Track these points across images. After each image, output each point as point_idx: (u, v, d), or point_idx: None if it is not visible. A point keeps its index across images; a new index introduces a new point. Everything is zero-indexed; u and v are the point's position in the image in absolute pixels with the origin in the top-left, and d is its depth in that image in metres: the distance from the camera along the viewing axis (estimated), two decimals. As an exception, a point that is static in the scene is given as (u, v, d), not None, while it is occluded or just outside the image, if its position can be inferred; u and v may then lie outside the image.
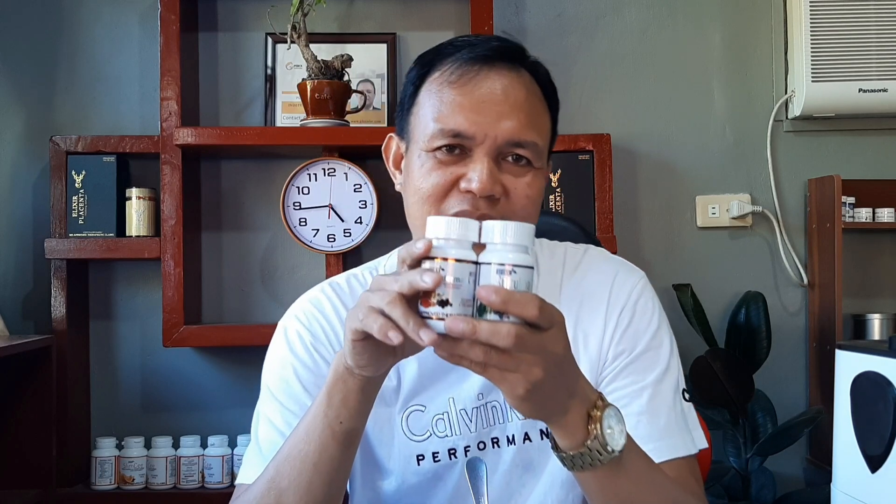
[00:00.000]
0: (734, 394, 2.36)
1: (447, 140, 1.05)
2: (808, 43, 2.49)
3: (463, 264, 0.82)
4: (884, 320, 2.52)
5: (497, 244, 0.83)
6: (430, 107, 1.07)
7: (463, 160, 1.05)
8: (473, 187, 1.03)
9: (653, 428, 1.09)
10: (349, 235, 2.38)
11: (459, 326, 0.78)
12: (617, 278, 1.17)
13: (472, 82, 1.05)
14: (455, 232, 0.83)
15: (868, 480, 1.86)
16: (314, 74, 2.32)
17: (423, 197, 1.07)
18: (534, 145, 1.06)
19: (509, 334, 0.78)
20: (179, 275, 2.32)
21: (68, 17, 2.54)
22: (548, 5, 2.60)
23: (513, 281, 0.81)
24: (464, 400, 1.14)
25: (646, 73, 2.61)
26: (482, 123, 1.04)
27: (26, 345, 2.18)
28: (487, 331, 0.78)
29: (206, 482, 2.37)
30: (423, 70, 1.10)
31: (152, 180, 2.43)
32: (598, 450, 0.88)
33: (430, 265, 0.82)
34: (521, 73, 1.08)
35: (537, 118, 1.08)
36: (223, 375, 2.52)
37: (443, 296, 0.80)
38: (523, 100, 1.06)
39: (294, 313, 1.20)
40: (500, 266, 0.81)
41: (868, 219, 2.51)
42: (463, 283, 0.81)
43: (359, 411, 0.94)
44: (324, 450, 0.96)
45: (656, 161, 2.60)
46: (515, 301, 0.79)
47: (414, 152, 1.09)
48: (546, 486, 1.14)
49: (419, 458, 1.13)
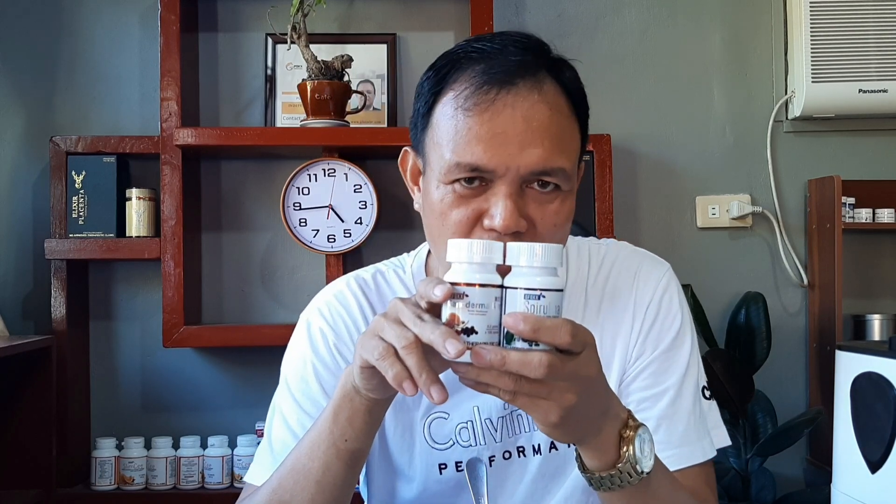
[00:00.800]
0: (734, 394, 2.36)
1: (464, 174, 0.96)
2: (808, 43, 2.49)
3: (487, 289, 0.78)
4: (884, 321, 2.52)
5: (524, 267, 0.79)
6: (446, 134, 0.97)
7: (483, 193, 0.96)
8: (496, 226, 0.94)
9: (672, 434, 1.08)
10: (349, 236, 2.38)
11: (487, 357, 0.75)
12: (640, 273, 1.14)
13: (489, 110, 0.95)
14: (478, 255, 0.78)
15: (868, 481, 1.86)
16: (314, 75, 2.32)
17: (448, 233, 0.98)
18: (562, 171, 0.97)
19: (541, 364, 0.75)
20: (179, 275, 2.32)
21: (68, 17, 2.54)
22: (548, 6, 2.60)
23: (542, 306, 0.77)
24: (489, 409, 1.10)
25: (646, 74, 2.61)
26: (502, 156, 0.94)
27: (26, 345, 2.18)
28: (517, 361, 0.75)
29: (206, 483, 2.36)
30: (438, 87, 1.00)
31: (152, 181, 2.43)
32: (628, 472, 0.86)
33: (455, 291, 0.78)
34: (544, 87, 0.98)
35: (564, 141, 0.98)
36: (223, 376, 2.52)
37: (467, 323, 0.77)
38: (548, 123, 0.96)
39: (318, 306, 1.16)
40: (528, 291, 0.77)
41: (868, 219, 2.51)
42: (488, 309, 0.77)
43: (365, 431, 0.92)
44: (327, 468, 0.94)
45: (656, 161, 2.60)
46: (546, 329, 0.75)
47: (431, 181, 1.00)
48: (568, 491, 1.12)
49: (441, 466, 1.11)
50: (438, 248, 1.01)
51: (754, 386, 2.40)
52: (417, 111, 1.03)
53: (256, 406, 2.47)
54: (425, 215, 1.04)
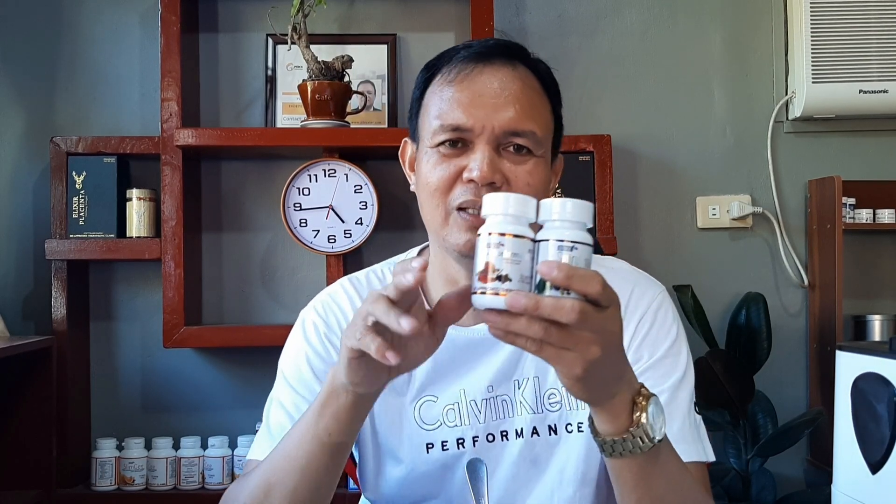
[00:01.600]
0: (734, 395, 2.36)
1: (448, 135, 1.09)
2: (808, 44, 2.49)
3: (521, 240, 0.80)
4: (884, 321, 2.52)
5: (556, 220, 0.82)
6: (433, 106, 1.12)
7: (465, 152, 1.09)
8: (474, 176, 1.07)
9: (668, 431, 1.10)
10: (349, 236, 2.38)
11: (521, 301, 0.77)
12: (636, 290, 1.20)
13: (468, 78, 1.10)
14: (512, 207, 0.82)
15: (868, 482, 1.86)
16: (315, 75, 2.32)
17: (431, 191, 1.10)
18: (532, 134, 1.09)
19: (573, 309, 0.77)
20: (180, 276, 2.32)
21: (69, 17, 2.54)
22: (548, 6, 2.60)
23: (572, 257, 0.80)
24: (474, 391, 1.16)
25: (646, 74, 2.61)
26: (479, 116, 1.08)
27: (27, 345, 2.18)
28: (551, 306, 0.77)
29: (207, 483, 2.37)
30: (428, 75, 1.15)
31: (153, 181, 2.43)
32: (640, 437, 0.88)
33: (488, 240, 0.81)
34: (518, 68, 1.12)
35: (534, 109, 1.11)
36: (223, 376, 2.52)
37: (501, 271, 0.79)
38: (519, 91, 1.10)
39: (313, 305, 1.25)
40: (561, 242, 0.80)
41: (868, 220, 2.51)
42: (522, 259, 0.80)
43: (349, 426, 0.96)
44: (311, 458, 0.98)
45: (657, 162, 2.60)
46: (579, 277, 0.78)
47: (422, 151, 1.14)
48: (554, 483, 1.15)
49: (429, 446, 1.16)
50: (428, 217, 1.13)
51: (755, 386, 2.40)
52: (412, 100, 1.18)
53: (257, 406, 2.45)
54: (417, 189, 1.15)
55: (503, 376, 1.17)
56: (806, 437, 2.51)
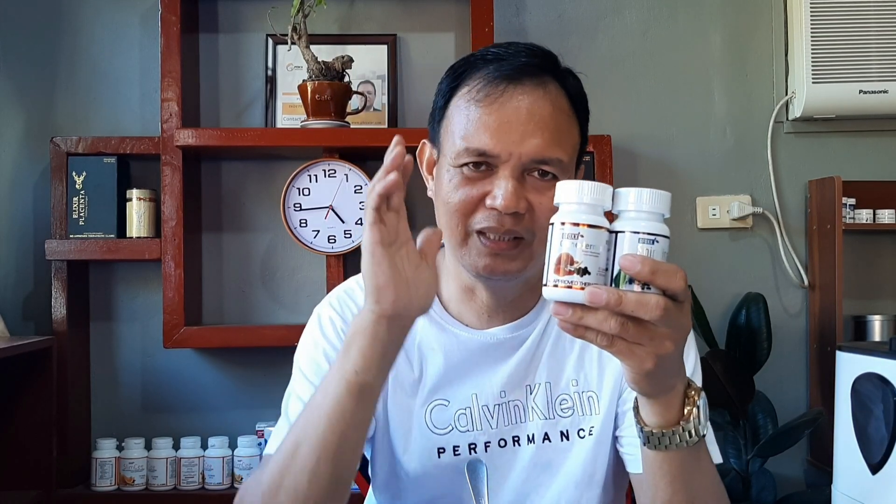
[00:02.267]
0: (735, 395, 2.36)
1: (472, 158, 1.08)
2: (808, 44, 2.49)
3: (598, 231, 0.78)
4: (884, 322, 2.52)
5: (632, 211, 0.79)
6: (458, 123, 1.10)
7: (489, 177, 1.08)
8: (498, 205, 1.06)
9: None
10: (350, 237, 2.38)
11: (603, 296, 0.75)
12: None
13: (497, 102, 1.08)
14: (588, 196, 0.78)
15: (868, 482, 1.86)
16: (315, 75, 2.32)
17: (452, 211, 1.10)
18: (558, 162, 1.08)
19: (658, 306, 0.76)
20: (180, 276, 2.32)
21: (69, 17, 2.54)
22: (548, 6, 2.60)
23: (651, 250, 0.77)
24: (486, 396, 1.16)
25: (646, 74, 2.61)
26: (506, 143, 1.06)
27: (27, 346, 2.18)
28: (635, 301, 0.76)
29: (207, 483, 2.36)
30: (454, 83, 1.13)
31: (153, 181, 2.43)
32: (690, 431, 0.88)
33: (563, 231, 0.78)
34: (548, 87, 1.10)
35: (562, 134, 1.10)
36: (224, 377, 2.52)
37: (581, 263, 0.77)
38: (548, 117, 1.08)
39: (328, 301, 1.24)
40: (643, 235, 0.77)
41: (868, 220, 2.51)
42: (599, 251, 0.77)
43: (375, 363, 0.94)
44: (336, 402, 0.95)
45: (657, 162, 2.60)
46: (663, 272, 0.77)
47: (443, 165, 1.12)
48: (561, 486, 1.16)
49: (440, 450, 1.16)
50: (447, 234, 1.11)
51: (755, 387, 2.40)
52: (435, 105, 1.16)
53: (257, 407, 2.47)
54: (436, 199, 1.15)
55: (516, 381, 1.17)
56: (806, 437, 2.51)
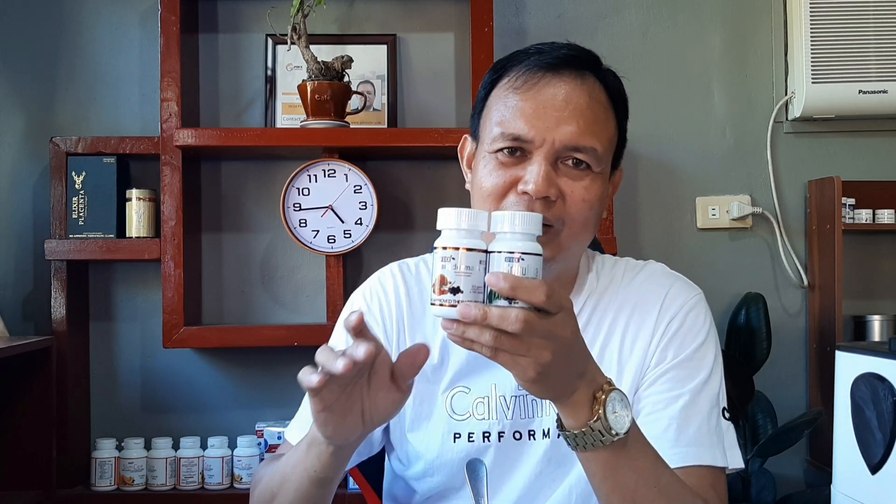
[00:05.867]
0: (734, 395, 2.35)
1: (507, 143, 1.10)
2: (808, 44, 2.49)
3: (473, 253, 0.85)
4: (884, 322, 2.52)
5: (506, 233, 0.86)
6: (496, 111, 1.12)
7: (522, 163, 1.10)
8: (529, 189, 1.07)
9: (681, 434, 1.10)
10: (349, 237, 2.38)
11: (471, 312, 0.82)
12: (671, 290, 1.22)
13: (534, 88, 1.10)
14: (465, 222, 0.86)
15: (868, 482, 1.86)
16: (314, 75, 2.32)
17: (485, 195, 1.11)
18: (592, 150, 1.09)
19: (518, 319, 0.82)
20: (179, 276, 2.32)
21: (68, 17, 2.54)
22: (548, 6, 2.60)
23: (521, 268, 0.84)
24: (504, 387, 1.17)
25: (646, 74, 2.61)
26: (541, 128, 1.08)
27: (26, 346, 2.18)
28: (497, 316, 0.82)
29: (206, 483, 2.36)
30: (495, 76, 1.15)
31: (152, 181, 2.42)
32: (600, 430, 0.91)
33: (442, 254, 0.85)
34: (587, 79, 1.12)
35: (598, 124, 1.11)
36: (223, 377, 2.52)
37: (454, 283, 0.84)
38: (584, 106, 1.10)
39: (362, 289, 1.27)
40: (509, 254, 0.85)
41: (868, 220, 2.51)
42: (473, 271, 0.85)
43: (332, 468, 1.02)
44: (301, 485, 1.05)
45: (656, 162, 2.60)
46: (524, 287, 0.82)
47: (480, 153, 1.14)
48: (573, 481, 1.16)
49: (456, 435, 1.18)
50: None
51: (754, 387, 2.40)
52: (478, 99, 1.18)
53: (256, 407, 2.47)
54: (472, 189, 1.16)
55: None
56: (806, 437, 2.51)
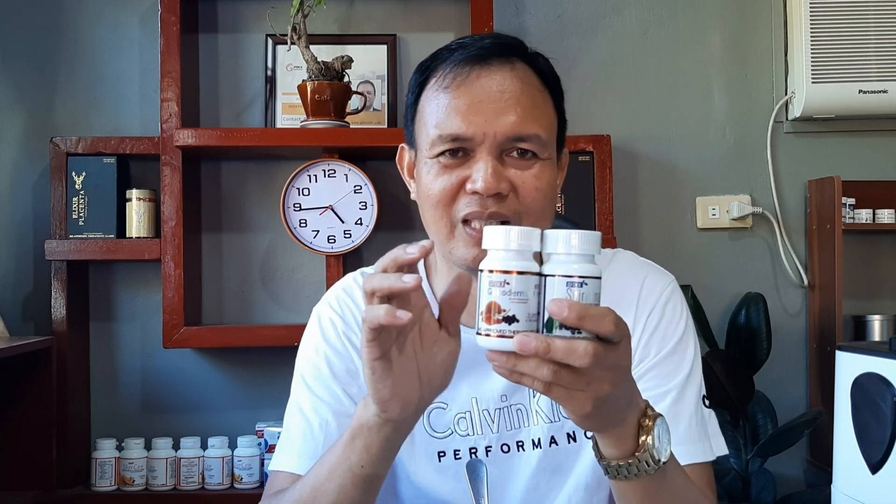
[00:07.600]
0: (734, 395, 2.36)
1: (447, 145, 1.04)
2: (808, 44, 2.49)
3: (526, 276, 0.76)
4: (884, 321, 2.52)
5: (562, 254, 0.77)
6: (430, 114, 1.07)
7: (466, 162, 1.04)
8: (478, 187, 1.02)
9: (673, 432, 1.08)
10: (349, 237, 2.38)
11: (532, 344, 0.74)
12: (647, 281, 1.18)
13: (465, 83, 1.05)
14: (516, 242, 0.77)
15: (868, 482, 1.86)
16: (314, 76, 2.32)
17: (433, 203, 1.05)
18: (536, 137, 1.04)
19: (587, 353, 0.74)
20: (180, 276, 2.32)
21: (69, 17, 2.54)
22: (548, 6, 2.60)
23: (581, 293, 0.76)
24: (486, 400, 1.13)
25: (646, 74, 2.61)
26: (479, 123, 1.03)
27: (26, 346, 2.18)
28: (563, 349, 0.74)
29: (207, 483, 2.36)
30: (422, 78, 1.10)
31: (153, 182, 2.43)
32: (646, 461, 0.86)
33: (490, 279, 0.77)
34: (517, 66, 1.06)
35: (537, 109, 1.06)
36: (223, 377, 2.52)
37: (508, 311, 0.76)
38: (520, 92, 1.04)
39: (328, 301, 1.21)
40: (570, 278, 0.76)
41: (868, 220, 2.51)
42: (528, 297, 0.76)
43: (381, 458, 0.93)
44: (342, 491, 0.94)
45: (656, 162, 2.60)
46: (590, 316, 0.75)
47: (421, 160, 1.08)
48: (571, 489, 1.13)
49: (440, 454, 1.14)
50: (433, 230, 1.08)
51: (754, 387, 2.40)
52: (407, 105, 1.14)
53: (257, 407, 2.47)
54: (419, 199, 1.10)
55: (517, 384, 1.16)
56: (806, 437, 2.51)
